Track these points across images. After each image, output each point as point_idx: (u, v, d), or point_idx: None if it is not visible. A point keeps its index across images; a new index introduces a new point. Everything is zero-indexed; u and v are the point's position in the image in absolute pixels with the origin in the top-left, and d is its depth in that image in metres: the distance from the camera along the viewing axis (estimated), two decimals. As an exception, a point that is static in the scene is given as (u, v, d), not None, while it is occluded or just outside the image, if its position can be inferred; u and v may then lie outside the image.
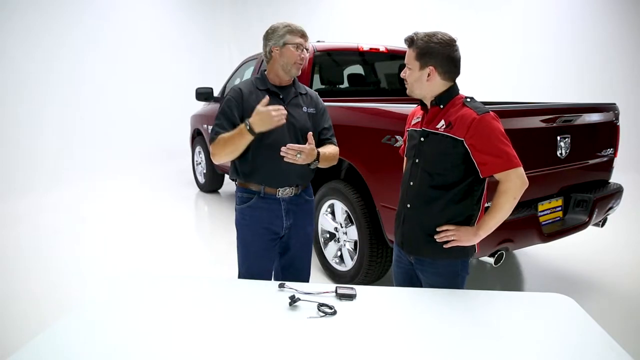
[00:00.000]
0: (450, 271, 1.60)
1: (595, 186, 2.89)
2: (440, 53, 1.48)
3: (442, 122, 1.52)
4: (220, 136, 1.77)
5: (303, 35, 1.82)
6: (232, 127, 1.76)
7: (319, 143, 1.92)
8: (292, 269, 2.01)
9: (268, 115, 1.64)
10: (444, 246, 1.54)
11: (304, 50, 1.83)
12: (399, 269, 1.76)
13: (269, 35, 1.83)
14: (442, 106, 1.54)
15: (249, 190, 1.88)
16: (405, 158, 1.83)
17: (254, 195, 1.87)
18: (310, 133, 1.75)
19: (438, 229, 1.54)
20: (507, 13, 7.42)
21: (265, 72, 1.89)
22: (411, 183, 1.61)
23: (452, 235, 1.52)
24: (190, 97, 5.09)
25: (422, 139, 1.58)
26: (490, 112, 1.48)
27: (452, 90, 1.55)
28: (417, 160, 1.59)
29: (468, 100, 1.53)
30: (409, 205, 1.62)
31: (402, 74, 1.60)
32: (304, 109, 1.90)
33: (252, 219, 1.89)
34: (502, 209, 1.48)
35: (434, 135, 1.54)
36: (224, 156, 1.80)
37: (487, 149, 1.45)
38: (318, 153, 1.77)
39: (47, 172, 5.61)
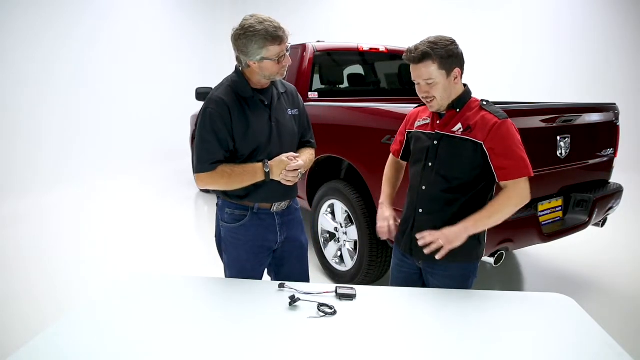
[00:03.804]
0: (462, 274, 1.60)
1: (595, 186, 2.89)
2: (458, 52, 1.48)
3: (459, 125, 1.51)
4: (222, 168, 1.58)
5: (282, 39, 1.53)
6: (225, 152, 1.60)
7: (301, 145, 1.82)
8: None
9: (293, 175, 1.60)
10: (436, 256, 1.47)
11: (286, 54, 1.58)
12: (400, 274, 1.73)
13: (241, 47, 1.53)
14: (458, 109, 1.53)
15: (240, 206, 1.70)
16: (392, 157, 1.80)
17: (247, 212, 1.70)
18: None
19: (419, 238, 1.48)
20: (507, 13, 7.42)
21: (241, 70, 1.64)
22: (423, 187, 1.58)
23: (441, 242, 1.45)
24: (190, 97, 5.09)
25: (435, 142, 1.56)
26: (509, 118, 1.49)
27: (467, 93, 1.55)
28: (429, 164, 1.56)
29: (484, 103, 1.53)
30: (420, 210, 1.59)
31: (421, 93, 1.52)
32: (289, 111, 1.73)
33: (246, 237, 1.72)
34: (502, 213, 1.48)
35: (449, 138, 1.52)
36: (219, 187, 1.66)
37: (508, 154, 1.46)
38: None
39: (47, 172, 5.61)
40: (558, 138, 2.51)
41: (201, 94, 4.82)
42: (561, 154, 2.54)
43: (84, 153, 6.26)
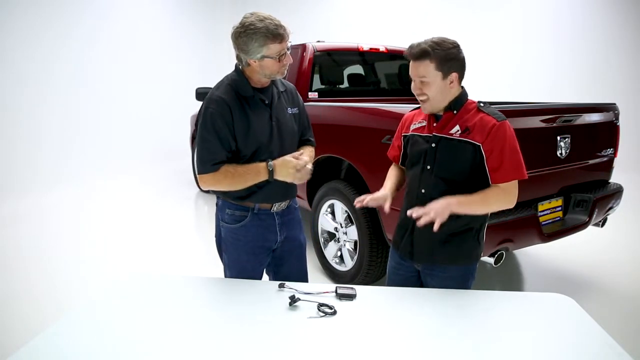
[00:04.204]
0: (461, 275, 1.60)
1: (595, 186, 2.89)
2: (459, 57, 1.47)
3: (457, 127, 1.50)
4: (225, 167, 1.57)
5: (283, 37, 1.52)
6: (227, 152, 1.59)
7: (300, 143, 1.83)
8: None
9: (305, 172, 1.59)
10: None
11: (287, 53, 1.57)
12: (398, 277, 1.72)
13: (241, 45, 1.52)
14: (455, 111, 1.52)
15: (241, 207, 1.70)
16: (394, 162, 1.79)
17: (247, 213, 1.70)
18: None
19: (413, 214, 1.43)
20: (507, 13, 7.42)
21: (242, 68, 1.63)
22: (422, 190, 1.57)
23: (432, 214, 1.39)
24: (190, 97, 5.09)
25: (432, 145, 1.54)
26: (507, 119, 1.49)
27: (464, 95, 1.54)
28: (428, 167, 1.55)
29: (482, 105, 1.53)
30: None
31: (417, 91, 1.52)
32: (289, 110, 1.73)
33: (247, 238, 1.72)
34: (485, 207, 1.48)
35: (447, 140, 1.51)
36: (223, 188, 1.65)
37: (504, 156, 1.45)
38: None
39: (47, 172, 5.61)
40: (558, 138, 2.51)
41: (201, 94, 4.82)
42: (561, 154, 2.54)
43: (84, 153, 6.26)
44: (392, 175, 1.76)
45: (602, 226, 2.98)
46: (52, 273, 3.27)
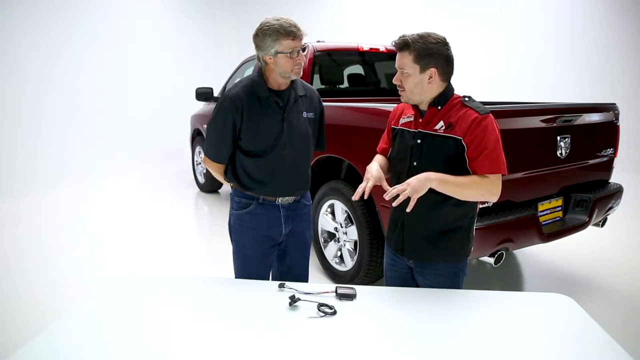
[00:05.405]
0: (452, 272, 1.59)
1: (595, 186, 2.89)
2: (440, 54, 1.45)
3: (441, 123, 1.49)
4: (220, 168, 1.81)
5: (295, 35, 1.62)
6: (228, 151, 1.75)
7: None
8: (290, 276, 1.96)
9: None
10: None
11: (300, 52, 1.67)
12: (394, 274, 1.72)
13: (258, 42, 1.65)
14: (439, 107, 1.51)
15: (247, 195, 1.81)
16: (379, 154, 1.75)
17: (253, 201, 1.80)
18: None
19: (387, 196, 1.41)
20: (507, 13, 7.42)
21: (264, 71, 1.74)
22: None
23: (407, 193, 1.37)
24: (190, 97, 5.09)
25: (418, 141, 1.53)
26: (490, 113, 1.47)
27: (449, 90, 1.52)
28: (414, 163, 1.53)
29: (466, 99, 1.51)
30: (408, 210, 1.57)
31: (395, 81, 1.53)
32: (304, 114, 1.80)
33: (251, 225, 1.81)
34: (466, 192, 1.44)
35: (432, 137, 1.50)
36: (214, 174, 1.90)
37: (484, 149, 1.42)
38: None
39: (47, 172, 5.62)
40: (558, 138, 2.51)
41: (201, 94, 4.83)
42: (561, 154, 2.54)
43: (84, 153, 6.27)
44: (376, 160, 1.71)
45: (602, 226, 2.98)
46: (52, 273, 3.27)
